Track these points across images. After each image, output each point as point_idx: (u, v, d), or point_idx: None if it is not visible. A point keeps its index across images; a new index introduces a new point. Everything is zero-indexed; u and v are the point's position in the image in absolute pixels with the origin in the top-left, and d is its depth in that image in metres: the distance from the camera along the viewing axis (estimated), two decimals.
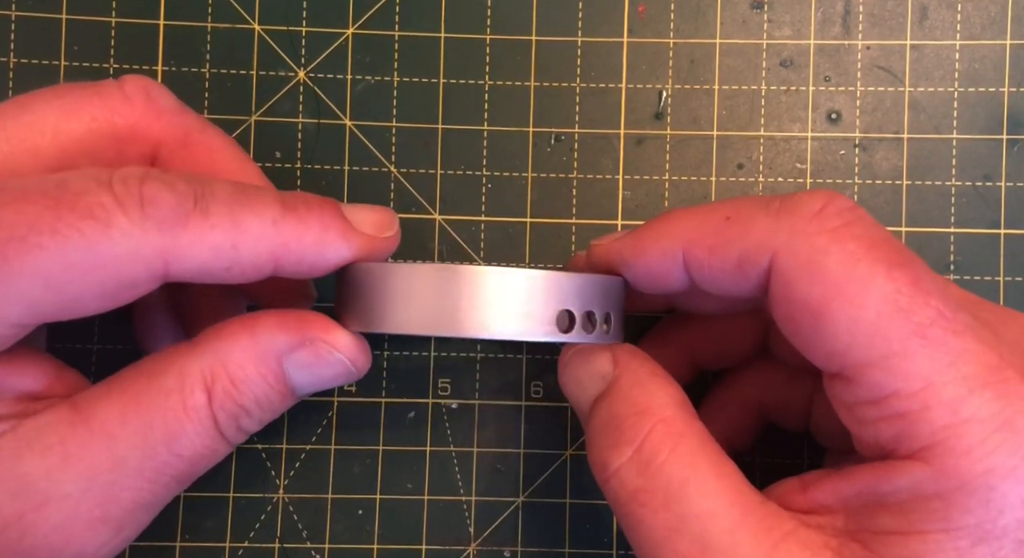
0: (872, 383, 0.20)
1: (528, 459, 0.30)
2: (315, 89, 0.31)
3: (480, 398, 0.30)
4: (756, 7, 0.31)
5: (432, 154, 0.31)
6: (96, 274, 0.21)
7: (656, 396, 0.23)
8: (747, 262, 0.22)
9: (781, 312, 0.21)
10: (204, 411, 0.22)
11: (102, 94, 0.24)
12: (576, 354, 0.25)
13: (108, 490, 0.22)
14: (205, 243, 0.21)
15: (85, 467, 0.21)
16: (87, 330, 0.30)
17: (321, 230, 0.23)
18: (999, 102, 0.31)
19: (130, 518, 0.23)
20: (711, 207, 0.23)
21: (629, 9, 0.31)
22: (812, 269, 0.21)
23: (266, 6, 0.31)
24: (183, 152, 0.25)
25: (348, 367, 0.24)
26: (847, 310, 0.20)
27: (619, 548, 0.30)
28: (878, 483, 0.20)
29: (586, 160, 0.31)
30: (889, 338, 0.20)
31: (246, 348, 0.23)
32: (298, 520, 0.29)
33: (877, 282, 0.20)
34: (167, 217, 0.21)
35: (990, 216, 0.30)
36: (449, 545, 0.29)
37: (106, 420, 0.22)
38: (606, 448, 0.22)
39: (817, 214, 0.21)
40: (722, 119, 0.31)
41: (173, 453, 0.22)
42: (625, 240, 0.24)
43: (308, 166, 0.30)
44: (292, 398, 0.24)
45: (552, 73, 0.31)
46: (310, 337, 0.23)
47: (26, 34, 0.30)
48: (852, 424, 0.21)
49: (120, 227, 0.20)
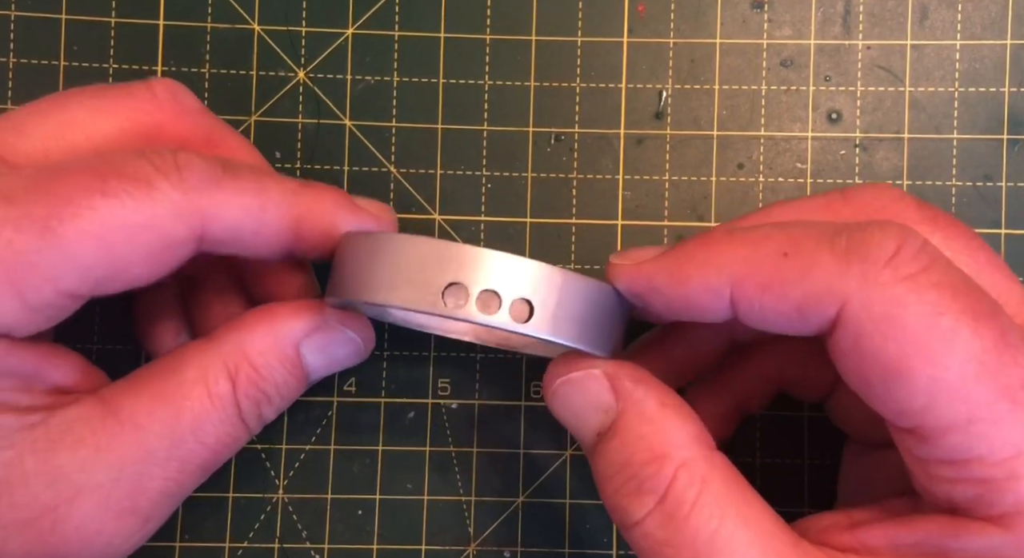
0: (953, 446, 0.19)
1: (528, 459, 0.30)
2: (315, 89, 0.31)
3: (480, 398, 0.30)
4: (756, 7, 0.31)
5: (432, 154, 0.31)
6: (143, 234, 0.22)
7: (672, 435, 0.21)
8: (810, 308, 0.20)
9: (850, 364, 0.20)
10: (229, 399, 0.24)
11: (133, 95, 0.25)
12: (565, 384, 0.23)
13: (137, 481, 0.23)
14: (236, 203, 0.23)
15: (116, 459, 0.22)
16: (87, 330, 0.30)
17: (334, 203, 0.24)
18: (1000, 102, 0.31)
19: (156, 508, 0.23)
20: (763, 235, 0.21)
21: (629, 9, 0.31)
22: (889, 323, 0.19)
23: (266, 6, 0.31)
24: (206, 150, 0.26)
25: (359, 345, 0.26)
26: (928, 370, 0.19)
27: (619, 548, 0.30)
28: (945, 538, 0.19)
29: (586, 160, 0.31)
30: (975, 402, 0.18)
31: (265, 336, 0.24)
32: (298, 520, 0.29)
33: (962, 339, 0.18)
34: (201, 180, 0.22)
35: (991, 216, 0.30)
36: (449, 545, 0.29)
37: (134, 413, 0.23)
38: (625, 496, 0.21)
39: (892, 259, 0.19)
40: (722, 119, 0.31)
41: (199, 442, 0.23)
42: (659, 264, 0.22)
43: (308, 166, 0.30)
44: (306, 382, 0.25)
45: (552, 73, 0.31)
46: (324, 319, 0.25)
47: (26, 34, 0.30)
48: (923, 477, 0.20)
49: (161, 189, 0.22)
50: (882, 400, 0.20)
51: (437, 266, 0.21)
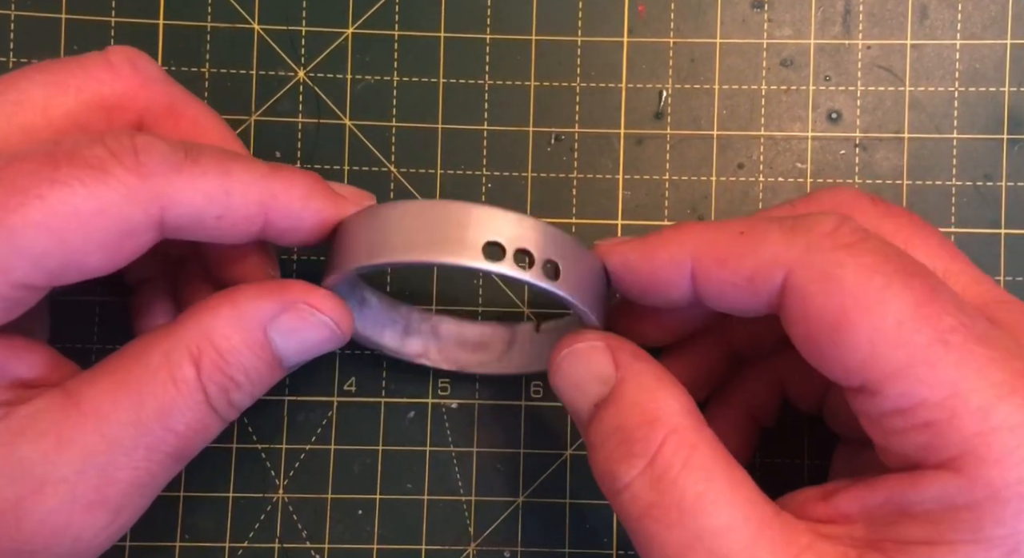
0: (897, 393, 0.20)
1: (528, 459, 0.30)
2: (315, 89, 0.31)
3: (480, 398, 0.30)
4: (756, 6, 0.31)
5: (432, 154, 0.31)
6: (97, 220, 0.21)
7: (666, 404, 0.22)
8: (760, 276, 0.21)
9: (798, 330, 0.21)
10: (193, 384, 0.23)
11: (87, 66, 0.24)
12: (570, 355, 0.24)
13: (104, 472, 0.22)
14: (198, 187, 0.22)
15: (80, 450, 0.22)
16: (87, 330, 0.30)
17: (306, 187, 0.23)
18: (999, 102, 0.31)
19: (127, 500, 0.23)
20: (725, 222, 0.23)
21: (629, 9, 0.31)
22: (829, 282, 0.20)
23: (266, 6, 0.31)
24: (169, 121, 0.25)
25: (332, 328, 0.24)
26: (867, 320, 0.20)
27: (619, 548, 0.30)
28: (905, 493, 0.20)
29: (586, 160, 0.31)
30: (912, 345, 0.19)
31: (229, 318, 0.23)
32: (298, 520, 0.29)
33: (895, 291, 0.20)
34: (161, 163, 0.22)
35: (991, 216, 0.30)
36: (449, 545, 0.29)
37: (97, 402, 0.22)
38: (615, 460, 0.22)
39: (832, 232, 0.21)
40: (722, 119, 0.31)
41: (166, 429, 0.22)
42: (632, 243, 0.24)
43: (308, 166, 0.30)
44: (280, 369, 0.24)
45: (552, 73, 0.31)
46: (291, 301, 0.24)
47: (26, 34, 0.30)
48: (878, 436, 0.21)
49: (116, 174, 0.21)
50: (831, 360, 0.21)
51: (472, 224, 0.22)
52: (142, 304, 0.28)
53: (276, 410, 0.30)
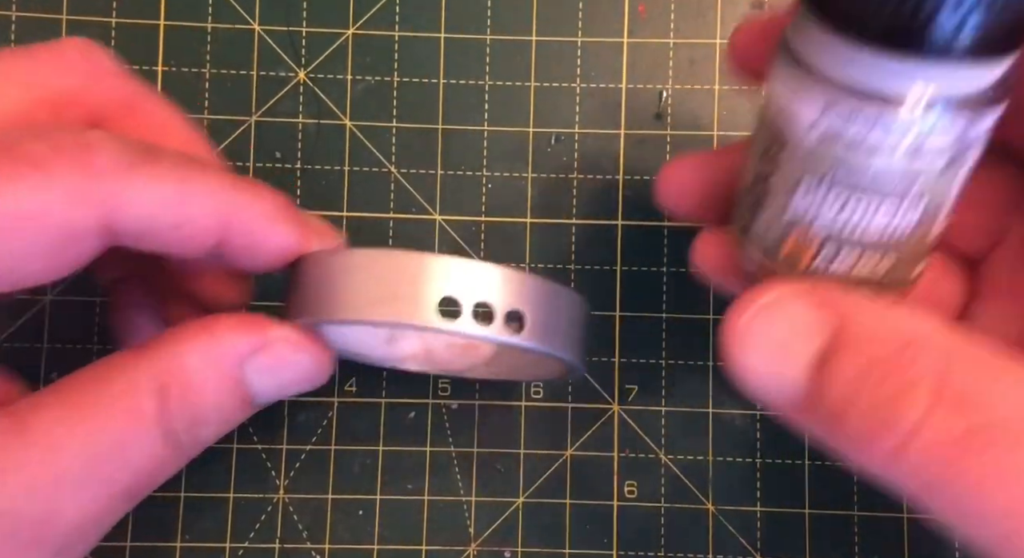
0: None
1: (528, 459, 0.30)
2: (315, 89, 0.31)
3: (480, 398, 0.30)
4: (756, 7, 0.31)
5: (432, 154, 0.31)
6: (35, 223, 0.19)
7: (923, 321, 0.18)
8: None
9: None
10: (153, 420, 0.20)
11: (35, 58, 0.22)
12: (762, 312, 0.19)
13: (50, 505, 0.20)
14: (153, 192, 0.20)
15: (24, 480, 0.19)
16: (87, 330, 0.30)
17: (273, 208, 0.22)
18: None
19: (69, 542, 0.20)
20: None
21: (629, 9, 0.31)
22: None
23: (266, 6, 0.31)
24: (128, 119, 0.23)
25: (312, 369, 0.23)
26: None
27: (619, 548, 0.29)
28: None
29: (586, 160, 0.31)
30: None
31: (205, 353, 0.21)
32: (298, 520, 0.29)
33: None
34: (110, 163, 0.20)
35: None
36: (449, 545, 0.29)
37: (47, 429, 0.20)
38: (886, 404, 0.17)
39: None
40: (722, 119, 0.31)
41: (120, 465, 0.20)
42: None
43: (308, 166, 0.30)
44: (251, 407, 0.22)
45: (552, 73, 0.31)
46: (272, 338, 0.22)
47: (26, 34, 0.30)
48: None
49: (59, 172, 0.19)
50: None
51: (427, 279, 0.21)
52: (118, 305, 0.27)
53: (276, 410, 0.30)
